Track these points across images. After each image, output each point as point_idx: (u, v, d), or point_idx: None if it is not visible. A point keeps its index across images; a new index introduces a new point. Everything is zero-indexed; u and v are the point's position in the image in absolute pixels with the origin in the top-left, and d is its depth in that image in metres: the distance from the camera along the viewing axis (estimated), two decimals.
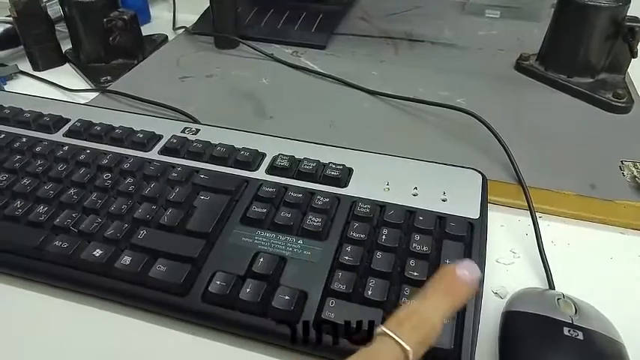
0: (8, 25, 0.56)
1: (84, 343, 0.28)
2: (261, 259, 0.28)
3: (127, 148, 0.37)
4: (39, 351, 0.27)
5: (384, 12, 0.68)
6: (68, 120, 0.40)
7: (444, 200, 0.32)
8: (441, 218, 0.31)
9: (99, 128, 0.39)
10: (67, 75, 0.54)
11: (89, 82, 0.52)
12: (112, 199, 0.33)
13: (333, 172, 0.34)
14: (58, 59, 0.56)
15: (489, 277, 0.30)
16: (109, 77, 0.52)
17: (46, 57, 0.55)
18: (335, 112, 0.47)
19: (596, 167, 0.39)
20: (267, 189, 0.33)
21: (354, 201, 0.32)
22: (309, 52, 0.58)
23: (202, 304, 0.27)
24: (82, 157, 0.36)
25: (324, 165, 0.35)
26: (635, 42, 0.46)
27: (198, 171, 0.35)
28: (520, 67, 0.53)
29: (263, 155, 0.36)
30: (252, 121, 0.46)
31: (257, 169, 0.35)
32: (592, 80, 0.49)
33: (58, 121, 0.40)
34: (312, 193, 0.32)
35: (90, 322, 0.29)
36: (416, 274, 0.27)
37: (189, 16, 0.66)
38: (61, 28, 0.57)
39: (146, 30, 0.61)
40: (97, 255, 0.29)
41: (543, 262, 0.31)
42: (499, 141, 0.40)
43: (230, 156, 0.36)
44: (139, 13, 0.56)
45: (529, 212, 0.34)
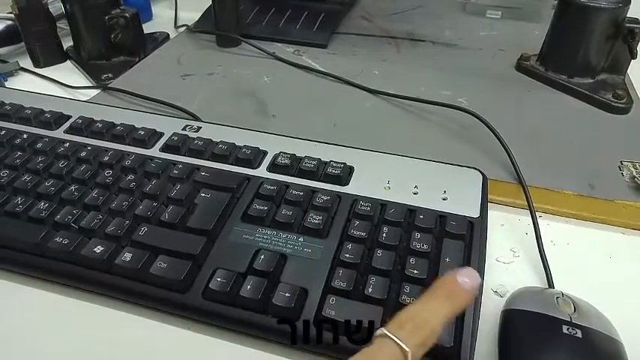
0: (9, 21, 0.56)
1: (84, 339, 0.28)
2: (262, 257, 0.28)
3: (128, 145, 0.37)
4: (39, 347, 0.27)
5: (385, 11, 0.68)
6: (69, 117, 0.40)
7: (444, 199, 0.32)
8: (442, 217, 0.31)
9: (100, 125, 0.39)
10: (68, 72, 0.54)
11: (90, 80, 0.52)
12: (113, 196, 0.33)
13: (334, 171, 0.34)
14: (59, 56, 0.56)
15: (489, 275, 0.30)
16: (111, 74, 0.53)
17: (47, 54, 0.55)
18: (336, 111, 0.47)
19: (596, 167, 0.39)
20: (269, 187, 0.33)
21: (355, 199, 0.32)
22: (311, 51, 0.58)
23: (203, 300, 0.27)
24: (83, 153, 0.36)
25: (325, 163, 0.35)
26: (635, 43, 0.46)
27: (199, 168, 0.35)
28: (521, 67, 0.53)
29: (264, 153, 0.36)
30: (254, 119, 0.46)
31: (258, 167, 0.35)
32: (592, 81, 0.49)
33: (59, 118, 0.40)
34: (313, 191, 0.33)
35: (90, 319, 0.29)
36: (416, 272, 0.27)
37: (191, 14, 0.66)
38: (62, 25, 0.57)
39: (148, 28, 0.61)
40: (98, 251, 0.29)
41: (543, 261, 0.31)
42: (499, 140, 0.40)
43: (231, 154, 0.36)
44: (140, 11, 0.56)
45: (529, 211, 0.34)
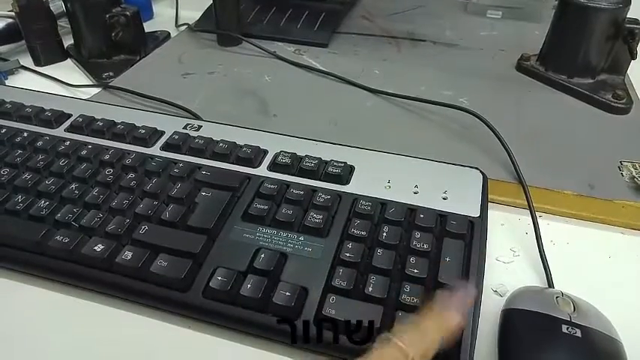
0: (10, 19, 0.56)
1: (85, 338, 0.28)
2: (262, 255, 0.28)
3: (129, 143, 0.37)
4: (40, 346, 0.27)
5: (386, 11, 0.68)
6: (70, 115, 0.40)
7: (444, 198, 0.32)
8: (442, 216, 0.31)
9: (101, 124, 0.39)
10: (68, 70, 0.54)
11: (91, 78, 0.52)
12: (113, 195, 0.33)
13: (334, 170, 0.34)
14: (59, 54, 0.56)
15: (489, 275, 0.30)
16: (111, 73, 0.53)
17: (47, 52, 0.55)
18: (337, 110, 0.47)
19: (596, 167, 0.39)
20: (269, 186, 0.33)
21: (356, 198, 0.32)
22: (312, 50, 0.58)
23: (203, 299, 0.27)
24: (84, 152, 0.36)
25: (326, 162, 0.35)
26: (635, 43, 0.46)
27: (200, 167, 0.35)
28: (521, 67, 0.53)
29: (265, 152, 0.36)
30: (254, 118, 0.46)
31: (259, 166, 0.35)
32: (592, 81, 0.49)
33: (59, 117, 0.40)
34: (313, 190, 0.33)
35: (91, 317, 0.29)
36: (416, 271, 0.27)
37: (191, 13, 0.66)
38: (63, 24, 0.57)
39: (149, 26, 0.61)
40: (99, 250, 0.29)
41: (543, 260, 0.31)
42: (500, 140, 0.40)
43: (232, 153, 0.36)
44: (141, 10, 0.56)
45: (529, 211, 0.34)
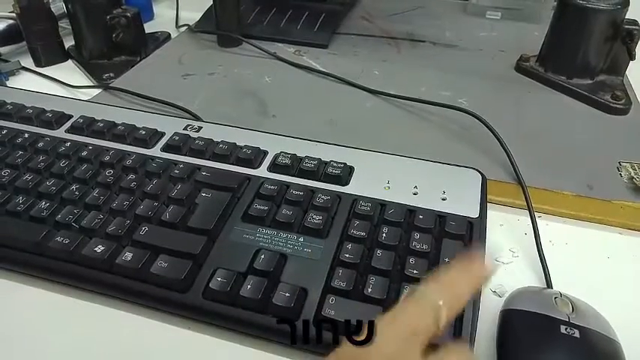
0: (11, 20, 0.56)
1: (84, 339, 0.28)
2: (262, 256, 0.28)
3: (130, 144, 0.38)
4: (39, 346, 0.27)
5: (385, 12, 0.68)
6: (70, 116, 0.41)
7: (443, 199, 0.32)
8: (441, 217, 0.31)
9: (101, 125, 0.39)
10: (69, 71, 0.55)
11: (92, 79, 0.53)
12: (113, 196, 0.33)
13: (334, 171, 0.34)
14: (60, 55, 0.56)
15: None
16: (112, 74, 0.53)
17: (48, 53, 0.55)
18: (337, 111, 0.47)
19: (595, 168, 0.40)
20: (269, 186, 0.33)
21: (355, 199, 0.32)
22: (312, 51, 0.58)
23: (203, 300, 0.27)
24: (84, 153, 0.36)
25: (326, 163, 0.35)
26: (634, 44, 0.46)
27: (200, 168, 0.35)
28: (520, 68, 0.53)
29: (265, 153, 0.36)
30: (255, 119, 0.46)
31: (259, 167, 0.35)
32: (591, 82, 0.49)
33: (60, 118, 0.40)
34: (313, 191, 0.33)
35: (91, 318, 0.29)
36: (415, 272, 0.27)
37: (192, 14, 0.66)
38: (64, 25, 0.57)
39: (149, 27, 0.61)
40: (99, 251, 0.29)
41: (541, 261, 0.32)
42: (499, 141, 0.40)
43: (232, 153, 0.36)
44: (142, 11, 0.56)
45: (528, 212, 0.34)
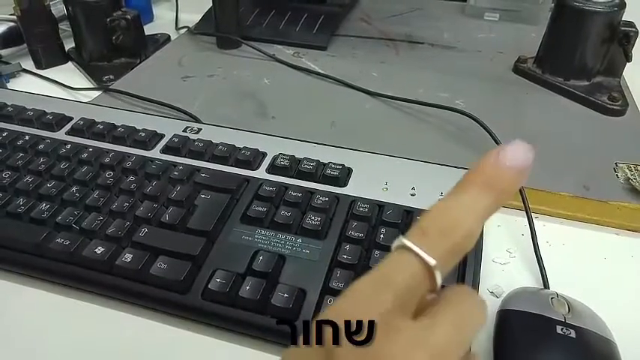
0: (12, 23, 0.56)
1: (84, 340, 0.28)
2: (261, 257, 0.28)
3: (129, 146, 0.38)
4: (40, 347, 0.28)
5: (384, 14, 0.68)
6: (71, 118, 0.41)
7: None
8: None
9: (101, 127, 0.39)
10: (69, 73, 0.55)
11: (92, 81, 0.53)
12: (113, 197, 0.33)
13: (332, 172, 0.34)
14: (61, 58, 0.56)
15: (485, 276, 0.31)
16: (112, 76, 0.53)
17: (49, 55, 0.55)
18: (335, 113, 0.47)
19: (591, 169, 0.40)
20: (268, 188, 0.33)
21: (353, 200, 0.32)
22: (311, 53, 0.58)
23: (202, 301, 0.27)
24: (85, 155, 0.36)
25: (324, 165, 0.35)
26: (630, 46, 0.46)
27: (199, 170, 0.35)
28: (518, 69, 0.53)
29: (264, 155, 0.37)
30: (254, 120, 0.46)
31: (258, 169, 0.35)
32: (588, 83, 0.49)
33: (60, 120, 0.40)
34: (311, 193, 0.33)
35: (91, 319, 0.29)
36: None
37: (191, 16, 0.66)
38: (64, 27, 0.57)
39: (149, 29, 0.61)
40: (99, 252, 0.29)
41: (538, 261, 0.32)
42: (496, 142, 0.40)
43: (231, 155, 0.36)
44: (142, 13, 0.56)
45: (525, 213, 0.34)
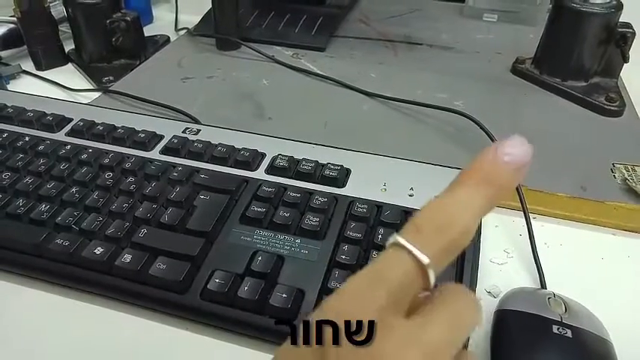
0: (12, 25, 0.56)
1: (84, 340, 0.28)
2: (260, 258, 0.29)
3: (129, 147, 0.38)
4: (39, 347, 0.28)
5: (383, 15, 0.68)
6: (71, 119, 0.41)
7: None
8: None
9: (101, 128, 0.39)
10: (69, 75, 0.55)
11: (91, 82, 0.53)
12: (113, 198, 0.33)
13: (331, 173, 0.34)
14: (60, 59, 0.57)
15: (483, 276, 0.31)
16: (112, 77, 0.53)
17: (49, 57, 0.55)
18: (334, 114, 0.47)
19: (589, 169, 0.40)
20: (267, 189, 0.33)
21: (352, 201, 0.33)
22: (309, 54, 0.59)
23: (201, 301, 0.28)
24: (84, 156, 0.37)
25: (323, 165, 0.35)
26: (627, 47, 0.46)
27: (198, 171, 0.35)
28: (516, 70, 0.54)
29: (263, 155, 0.37)
30: (253, 121, 0.46)
31: (257, 169, 0.36)
32: (585, 84, 0.49)
33: (60, 121, 0.41)
34: (310, 193, 0.33)
35: (90, 320, 0.29)
36: None
37: (191, 18, 0.66)
38: (64, 28, 0.58)
39: (148, 31, 0.61)
40: (98, 253, 0.29)
41: (536, 262, 0.32)
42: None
43: (230, 156, 0.36)
44: (141, 14, 0.56)
45: (523, 213, 0.35)
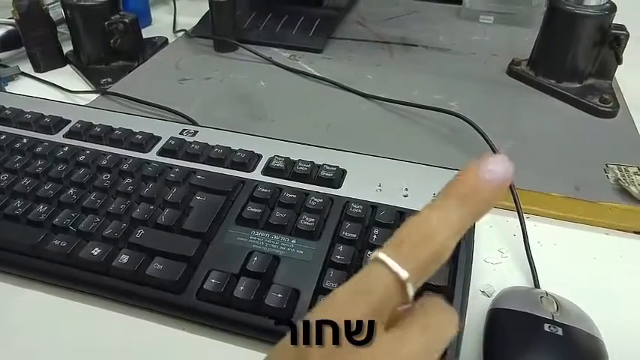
0: (10, 26, 0.57)
1: (81, 340, 0.28)
2: (255, 258, 0.29)
3: (126, 149, 0.38)
4: (37, 347, 0.28)
5: (380, 16, 0.69)
6: (68, 121, 0.41)
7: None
8: None
9: (99, 129, 0.39)
10: (67, 76, 0.55)
11: (89, 84, 0.53)
12: (110, 199, 0.33)
13: (327, 174, 0.35)
14: (59, 61, 0.57)
15: (477, 276, 0.31)
16: (110, 79, 0.53)
17: (47, 58, 0.56)
18: (330, 115, 0.48)
19: (582, 170, 0.40)
20: (263, 190, 0.33)
21: (347, 201, 0.33)
22: (307, 56, 0.59)
23: (197, 301, 0.28)
24: (82, 157, 0.37)
25: (319, 166, 0.35)
26: (621, 49, 0.47)
27: (195, 172, 0.35)
28: (512, 71, 0.54)
29: (259, 156, 0.37)
30: (250, 123, 0.47)
31: (253, 170, 0.36)
32: (580, 85, 0.50)
33: (58, 122, 0.41)
34: (306, 194, 0.33)
35: (87, 320, 0.29)
36: None
37: (189, 19, 0.67)
38: (62, 30, 0.58)
39: (147, 32, 0.61)
40: (96, 254, 0.30)
41: (529, 261, 0.32)
42: (488, 143, 0.40)
43: (227, 157, 0.37)
44: (140, 16, 0.56)
45: (517, 213, 0.35)
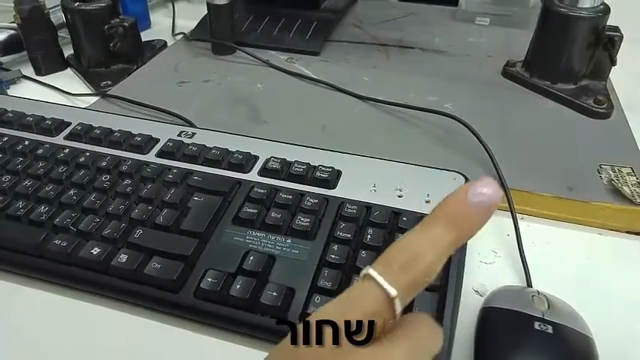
0: (12, 31, 0.57)
1: (80, 338, 0.29)
2: (252, 258, 0.29)
3: (125, 150, 0.39)
4: (38, 346, 0.29)
5: (377, 19, 0.69)
6: (69, 123, 0.42)
7: (427, 202, 0.33)
8: None
9: (98, 132, 0.40)
10: (68, 79, 0.56)
11: (90, 87, 0.54)
12: (110, 200, 0.34)
13: (322, 175, 0.35)
14: (60, 64, 0.58)
15: (470, 275, 0.32)
16: (109, 82, 0.54)
17: (48, 62, 0.56)
18: (327, 117, 0.48)
19: (576, 170, 0.41)
20: (259, 190, 0.34)
21: (342, 202, 0.33)
22: (304, 59, 0.59)
23: (194, 299, 0.28)
24: (82, 159, 0.37)
25: (314, 167, 0.36)
26: (615, 50, 0.47)
27: (192, 173, 0.36)
28: (507, 73, 0.54)
29: (256, 158, 0.37)
30: (247, 125, 0.47)
31: (250, 172, 0.36)
32: (574, 87, 0.50)
33: (59, 125, 0.41)
34: (301, 195, 0.34)
35: (87, 318, 0.30)
36: None
37: (188, 22, 0.67)
38: (63, 34, 0.58)
39: (146, 35, 0.62)
40: (95, 253, 0.30)
41: (522, 261, 0.32)
42: (482, 144, 0.41)
43: (224, 159, 0.37)
44: (139, 20, 0.57)
45: (510, 213, 0.35)
